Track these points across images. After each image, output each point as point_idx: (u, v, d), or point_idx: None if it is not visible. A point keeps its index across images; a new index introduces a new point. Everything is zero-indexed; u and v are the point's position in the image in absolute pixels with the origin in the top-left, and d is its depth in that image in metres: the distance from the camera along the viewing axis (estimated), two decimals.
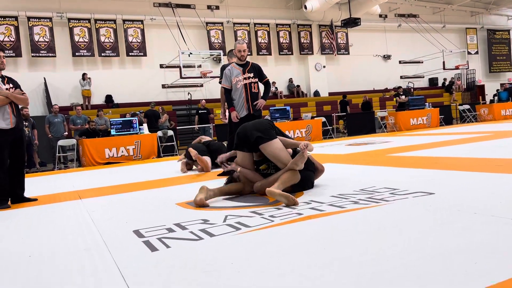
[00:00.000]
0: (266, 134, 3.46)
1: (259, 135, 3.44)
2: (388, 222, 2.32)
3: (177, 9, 16.32)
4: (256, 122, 3.67)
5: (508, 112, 15.19)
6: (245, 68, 4.97)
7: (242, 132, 3.59)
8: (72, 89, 14.94)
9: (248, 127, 3.58)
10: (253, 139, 3.46)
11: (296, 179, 3.37)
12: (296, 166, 3.35)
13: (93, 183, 5.78)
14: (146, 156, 10.13)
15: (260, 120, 3.82)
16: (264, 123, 3.62)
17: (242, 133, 3.58)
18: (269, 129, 3.52)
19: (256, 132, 3.46)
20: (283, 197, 2.98)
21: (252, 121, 3.80)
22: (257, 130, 3.47)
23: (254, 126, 3.56)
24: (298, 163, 3.35)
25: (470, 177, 3.61)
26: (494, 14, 23.70)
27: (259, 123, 3.65)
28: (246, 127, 3.60)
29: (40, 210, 3.85)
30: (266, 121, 3.72)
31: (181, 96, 16.62)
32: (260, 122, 3.70)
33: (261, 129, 3.49)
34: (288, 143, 3.58)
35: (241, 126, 3.68)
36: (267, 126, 3.55)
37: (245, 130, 3.57)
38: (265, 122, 3.66)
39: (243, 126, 3.65)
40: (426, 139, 8.54)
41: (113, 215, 3.26)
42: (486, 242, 1.84)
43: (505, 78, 23.32)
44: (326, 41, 18.98)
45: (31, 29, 14.15)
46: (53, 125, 10.64)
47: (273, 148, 3.43)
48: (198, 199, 3.25)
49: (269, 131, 3.50)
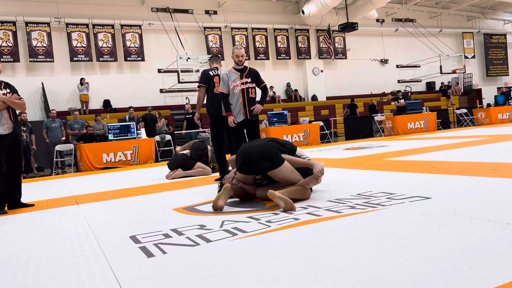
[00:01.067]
0: (274, 161, 3.27)
1: (268, 165, 3.27)
2: (384, 227, 2.32)
3: (175, 14, 16.37)
4: (261, 148, 3.32)
5: (505, 116, 15.26)
6: (243, 73, 4.98)
7: (247, 160, 3.34)
8: (70, 94, 14.94)
9: (253, 154, 3.31)
10: (261, 168, 3.31)
11: (306, 195, 3.32)
12: (307, 186, 3.35)
13: (90, 188, 5.77)
14: (143, 160, 10.12)
15: (265, 144, 3.38)
16: (270, 148, 3.33)
17: (247, 161, 3.33)
18: (276, 154, 3.30)
19: (264, 162, 3.27)
20: (282, 200, 2.96)
21: (255, 144, 3.42)
22: (264, 159, 3.27)
23: (260, 154, 3.28)
24: (310, 184, 3.34)
25: (466, 181, 3.62)
26: (491, 19, 23.85)
27: (265, 149, 3.32)
28: (251, 154, 3.32)
29: (37, 216, 3.84)
30: (272, 145, 3.38)
31: (179, 101, 16.64)
32: (265, 147, 3.33)
33: (269, 156, 3.27)
34: (298, 163, 3.40)
35: (244, 152, 3.38)
36: (274, 152, 3.31)
37: (251, 158, 3.31)
38: (271, 147, 3.35)
39: (247, 152, 3.35)
40: (424, 143, 8.56)
41: (110, 221, 3.26)
42: (482, 246, 1.85)
43: (502, 82, 23.44)
44: (324, 46, 19.04)
45: (29, 34, 14.17)
46: (50, 130, 10.63)
47: (282, 173, 3.31)
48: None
49: (276, 157, 3.29)
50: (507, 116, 15.31)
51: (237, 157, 3.48)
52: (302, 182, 3.33)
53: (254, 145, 3.41)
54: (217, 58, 5.67)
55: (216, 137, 5.34)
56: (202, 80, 5.39)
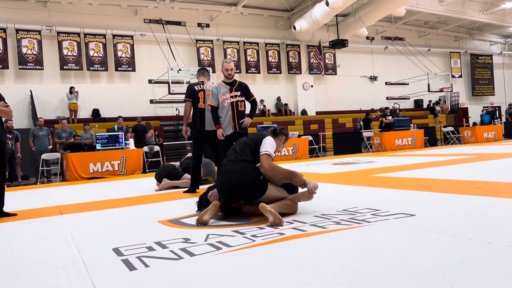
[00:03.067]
0: (258, 192, 3.22)
1: (252, 198, 3.25)
2: (368, 244, 2.33)
3: (167, 25, 16.46)
4: (240, 179, 3.20)
5: (490, 134, 15.53)
6: (232, 87, 5.01)
7: (226, 191, 3.27)
8: (58, 102, 14.82)
9: (232, 185, 3.21)
10: (247, 201, 3.31)
11: (294, 210, 3.30)
12: (298, 201, 3.35)
13: (75, 198, 5.70)
14: (131, 171, 10.04)
15: (242, 174, 3.22)
16: (250, 180, 3.21)
17: (227, 193, 3.27)
18: (257, 185, 3.22)
19: (248, 196, 3.26)
20: (271, 215, 2.92)
21: (233, 178, 3.22)
22: (247, 193, 3.24)
23: (240, 185, 3.20)
24: (300, 200, 3.35)
25: (450, 199, 3.67)
26: (477, 40, 24.43)
27: (243, 180, 3.20)
28: (230, 185, 3.21)
29: (19, 225, 3.77)
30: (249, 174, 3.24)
31: (169, 112, 16.61)
32: (243, 178, 3.21)
33: (249, 189, 3.21)
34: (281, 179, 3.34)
35: (222, 180, 3.28)
36: (255, 183, 3.21)
37: (230, 190, 3.24)
38: (250, 178, 3.22)
39: (225, 182, 3.25)
40: (411, 160, 8.65)
41: (93, 232, 3.22)
42: (464, 264, 1.87)
43: (488, 102, 23.90)
44: (314, 61, 19.27)
45: (19, 42, 14.09)
46: (37, 138, 10.51)
47: (268, 198, 3.25)
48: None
49: (258, 187, 3.22)
50: (492, 135, 15.58)
51: (218, 191, 3.40)
52: (293, 197, 3.34)
53: (232, 179, 3.23)
54: (204, 72, 5.69)
55: (195, 149, 5.45)
56: (188, 94, 5.44)
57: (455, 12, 19.21)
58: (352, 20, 17.48)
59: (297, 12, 18.27)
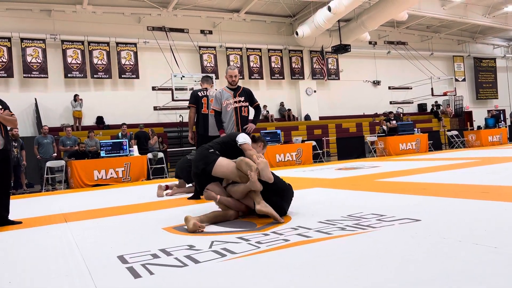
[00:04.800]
0: (208, 160, 3.56)
1: (203, 167, 3.56)
2: (373, 250, 2.32)
3: (170, 33, 16.54)
4: (196, 156, 3.77)
5: (495, 138, 15.45)
6: (236, 92, 5.03)
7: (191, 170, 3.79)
8: (63, 110, 14.90)
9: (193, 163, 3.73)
10: (200, 171, 3.58)
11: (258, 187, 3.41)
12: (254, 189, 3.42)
13: (80, 206, 5.71)
14: (135, 178, 10.06)
15: (198, 151, 3.88)
16: (202, 151, 3.72)
17: (191, 171, 3.76)
18: (208, 154, 3.61)
19: (199, 163, 3.60)
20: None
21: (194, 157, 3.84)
22: (198, 161, 3.61)
23: (195, 160, 3.71)
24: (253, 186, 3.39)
25: (456, 203, 3.64)
26: (480, 43, 24.38)
27: (197, 154, 3.77)
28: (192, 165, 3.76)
29: (24, 233, 3.78)
30: (204, 149, 3.73)
31: (173, 118, 16.66)
32: (198, 153, 3.80)
33: (201, 157, 3.62)
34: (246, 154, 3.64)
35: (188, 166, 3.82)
36: (205, 153, 3.64)
37: (191, 167, 3.77)
38: (202, 149, 3.72)
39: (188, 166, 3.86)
40: (415, 165, 8.61)
41: (98, 239, 3.22)
42: (469, 270, 1.85)
43: (492, 105, 23.80)
44: (317, 67, 19.29)
45: (24, 50, 14.20)
46: (42, 146, 10.56)
47: (222, 169, 3.52)
48: (191, 225, 3.15)
49: (208, 156, 3.59)
50: (497, 138, 15.50)
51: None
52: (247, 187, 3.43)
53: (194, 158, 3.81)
54: (208, 79, 5.77)
55: None
56: (191, 100, 5.53)
57: (458, 16, 19.20)
58: (355, 25, 17.50)
59: (299, 18, 18.32)
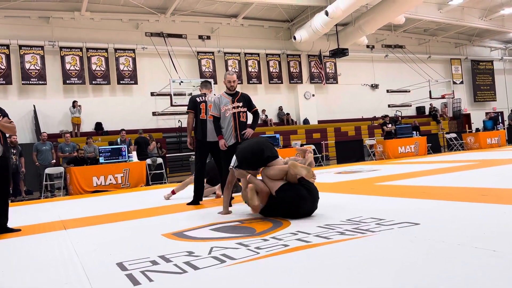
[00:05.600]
0: (274, 152, 3.86)
1: (269, 154, 3.81)
2: (372, 254, 2.32)
3: (168, 38, 16.58)
4: (259, 141, 3.98)
5: (493, 140, 15.47)
6: (235, 98, 5.04)
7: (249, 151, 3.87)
8: (62, 116, 14.90)
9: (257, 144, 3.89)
10: (264, 157, 3.80)
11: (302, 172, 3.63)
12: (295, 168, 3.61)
13: (79, 213, 5.70)
14: (134, 184, 10.04)
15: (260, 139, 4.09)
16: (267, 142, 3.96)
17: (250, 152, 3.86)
18: (273, 147, 3.93)
19: (267, 151, 3.83)
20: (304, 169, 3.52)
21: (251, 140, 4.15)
22: (266, 149, 3.84)
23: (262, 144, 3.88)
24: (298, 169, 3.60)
25: (455, 207, 3.65)
26: (478, 46, 24.47)
27: (263, 141, 3.96)
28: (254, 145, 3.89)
29: (23, 241, 3.77)
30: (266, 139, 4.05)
31: (172, 124, 16.66)
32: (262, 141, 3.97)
33: (270, 148, 3.87)
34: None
35: (244, 147, 3.97)
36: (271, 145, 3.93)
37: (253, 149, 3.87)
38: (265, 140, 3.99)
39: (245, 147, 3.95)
40: (414, 168, 8.62)
41: (97, 247, 3.21)
42: (469, 274, 1.85)
43: (490, 107, 23.86)
44: (315, 71, 19.34)
45: (22, 57, 14.22)
46: (40, 152, 10.55)
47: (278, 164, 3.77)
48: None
49: (274, 151, 3.89)
50: (495, 140, 15.53)
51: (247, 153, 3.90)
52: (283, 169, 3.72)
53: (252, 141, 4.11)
54: (207, 84, 5.80)
55: (197, 161, 5.55)
56: (190, 106, 5.58)
57: (455, 19, 19.29)
58: (352, 29, 17.57)
59: (297, 23, 18.39)
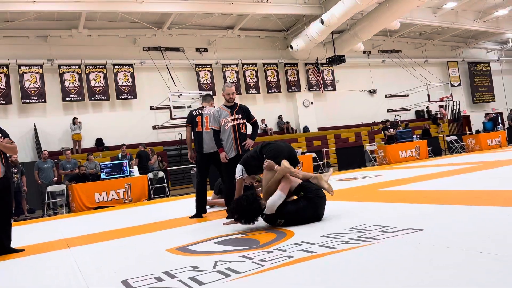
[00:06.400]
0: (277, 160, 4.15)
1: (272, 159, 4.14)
2: (377, 262, 2.31)
3: (166, 52, 16.69)
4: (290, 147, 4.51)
5: (494, 141, 15.46)
6: (233, 110, 5.07)
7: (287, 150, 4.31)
8: (62, 133, 14.94)
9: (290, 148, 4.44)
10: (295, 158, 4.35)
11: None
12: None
13: (82, 230, 5.68)
14: (136, 199, 10.02)
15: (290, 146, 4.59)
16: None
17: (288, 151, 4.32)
18: None
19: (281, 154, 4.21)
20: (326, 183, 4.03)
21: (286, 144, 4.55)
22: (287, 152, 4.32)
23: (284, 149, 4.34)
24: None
25: (458, 211, 3.64)
26: (474, 48, 24.58)
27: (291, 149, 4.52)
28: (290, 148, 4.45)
29: (27, 261, 3.76)
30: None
31: (172, 137, 16.69)
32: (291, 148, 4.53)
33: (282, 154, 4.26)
34: None
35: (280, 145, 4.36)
36: None
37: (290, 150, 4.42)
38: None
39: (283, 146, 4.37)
40: (416, 172, 8.60)
41: (101, 265, 3.20)
42: (474, 279, 1.84)
43: (489, 108, 23.87)
44: (313, 78, 19.41)
45: (21, 76, 14.30)
46: (42, 171, 10.56)
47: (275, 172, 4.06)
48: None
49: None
50: (496, 141, 15.51)
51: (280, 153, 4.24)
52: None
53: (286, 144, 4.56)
54: (206, 97, 5.89)
55: (198, 174, 5.68)
56: (187, 120, 5.74)
57: (449, 22, 19.41)
58: (348, 36, 17.68)
59: (293, 32, 18.51)
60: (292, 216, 3.80)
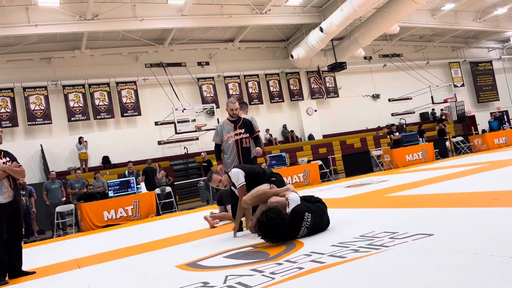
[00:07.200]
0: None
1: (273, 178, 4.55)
2: (388, 270, 2.30)
3: (168, 68, 16.84)
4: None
5: (501, 140, 15.34)
6: (236, 124, 5.11)
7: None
8: (69, 153, 15.05)
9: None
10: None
11: None
12: None
13: (92, 249, 5.69)
14: (145, 215, 10.03)
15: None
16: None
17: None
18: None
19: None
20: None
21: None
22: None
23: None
24: None
25: (468, 213, 3.61)
26: (475, 47, 24.56)
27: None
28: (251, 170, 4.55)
29: (39, 284, 3.78)
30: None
31: (177, 151, 16.75)
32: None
33: None
34: None
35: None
36: None
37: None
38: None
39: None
40: (423, 175, 8.55)
41: (112, 284, 3.21)
42: (487, 284, 1.83)
43: (494, 107, 23.74)
44: (315, 86, 19.46)
45: (27, 99, 14.48)
46: (50, 191, 10.63)
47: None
48: None
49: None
50: (503, 140, 15.40)
51: None
52: None
53: None
54: (242, 105, 5.78)
55: None
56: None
57: (449, 24, 19.44)
58: (348, 42, 17.75)
59: (293, 41, 18.63)
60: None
